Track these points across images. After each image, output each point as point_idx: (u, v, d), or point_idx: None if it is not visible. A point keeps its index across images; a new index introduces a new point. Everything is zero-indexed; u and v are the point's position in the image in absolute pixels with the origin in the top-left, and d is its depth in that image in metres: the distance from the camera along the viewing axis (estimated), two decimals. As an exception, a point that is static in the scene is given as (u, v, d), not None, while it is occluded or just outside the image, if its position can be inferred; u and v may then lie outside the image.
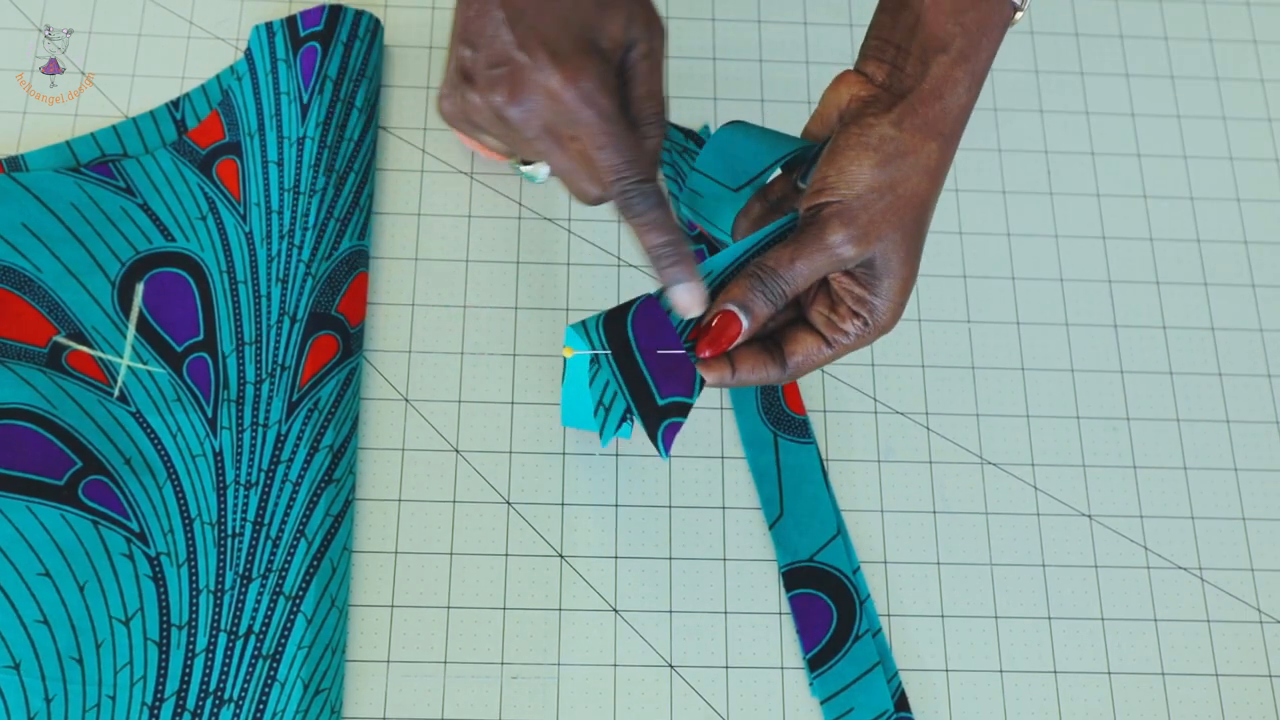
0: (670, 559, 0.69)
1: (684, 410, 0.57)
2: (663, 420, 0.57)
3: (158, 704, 0.64)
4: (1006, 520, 0.72)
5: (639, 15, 0.56)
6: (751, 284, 0.56)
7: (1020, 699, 0.68)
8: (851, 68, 0.58)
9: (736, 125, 0.60)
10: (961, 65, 0.55)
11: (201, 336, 0.71)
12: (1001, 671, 0.68)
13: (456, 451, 0.71)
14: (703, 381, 0.58)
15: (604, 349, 0.57)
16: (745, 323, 0.56)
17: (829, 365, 0.74)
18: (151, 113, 0.76)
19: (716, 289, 0.58)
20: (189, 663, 0.64)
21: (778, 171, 0.60)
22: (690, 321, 0.58)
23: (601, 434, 0.59)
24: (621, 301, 0.75)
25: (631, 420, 0.58)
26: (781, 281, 0.55)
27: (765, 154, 0.59)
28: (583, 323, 0.58)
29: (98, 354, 0.70)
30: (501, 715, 0.66)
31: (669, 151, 0.77)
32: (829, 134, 0.58)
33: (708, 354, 0.57)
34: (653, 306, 0.58)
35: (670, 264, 0.56)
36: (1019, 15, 0.57)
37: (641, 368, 0.57)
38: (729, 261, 0.58)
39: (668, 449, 0.57)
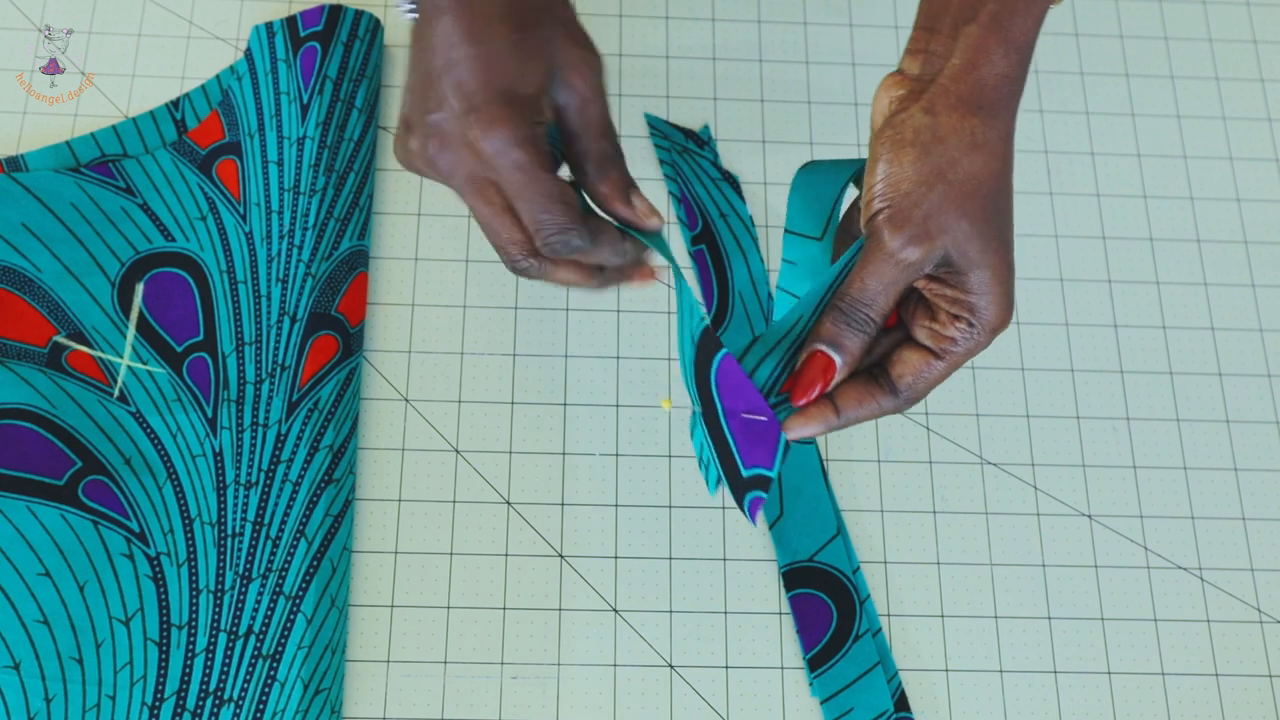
0: (670, 559, 0.70)
1: (765, 484, 0.53)
2: (747, 492, 0.54)
3: (158, 704, 0.64)
4: (1006, 520, 0.72)
5: (566, 58, 0.55)
6: (834, 318, 0.53)
7: (1020, 699, 0.68)
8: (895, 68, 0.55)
9: (805, 168, 0.56)
10: (994, 33, 0.51)
11: (201, 336, 0.71)
12: (1001, 671, 0.68)
13: (456, 451, 0.71)
14: (787, 446, 0.53)
15: (696, 404, 0.55)
16: (839, 360, 0.52)
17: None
18: (151, 113, 0.76)
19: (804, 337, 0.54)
20: (189, 663, 0.64)
21: (847, 202, 0.56)
22: (779, 377, 0.54)
23: (709, 485, 0.56)
24: (619, 302, 0.75)
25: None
26: (861, 306, 0.52)
27: (832, 185, 0.56)
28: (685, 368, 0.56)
29: (98, 354, 0.70)
30: (501, 715, 0.66)
31: (669, 151, 0.77)
32: None
33: (802, 401, 0.53)
34: (731, 367, 0.53)
35: (608, 283, 0.57)
36: None
37: (726, 432, 0.53)
38: (815, 304, 0.53)
39: (754, 519, 0.54)
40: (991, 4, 0.51)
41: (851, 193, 0.57)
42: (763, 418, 0.52)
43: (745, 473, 0.53)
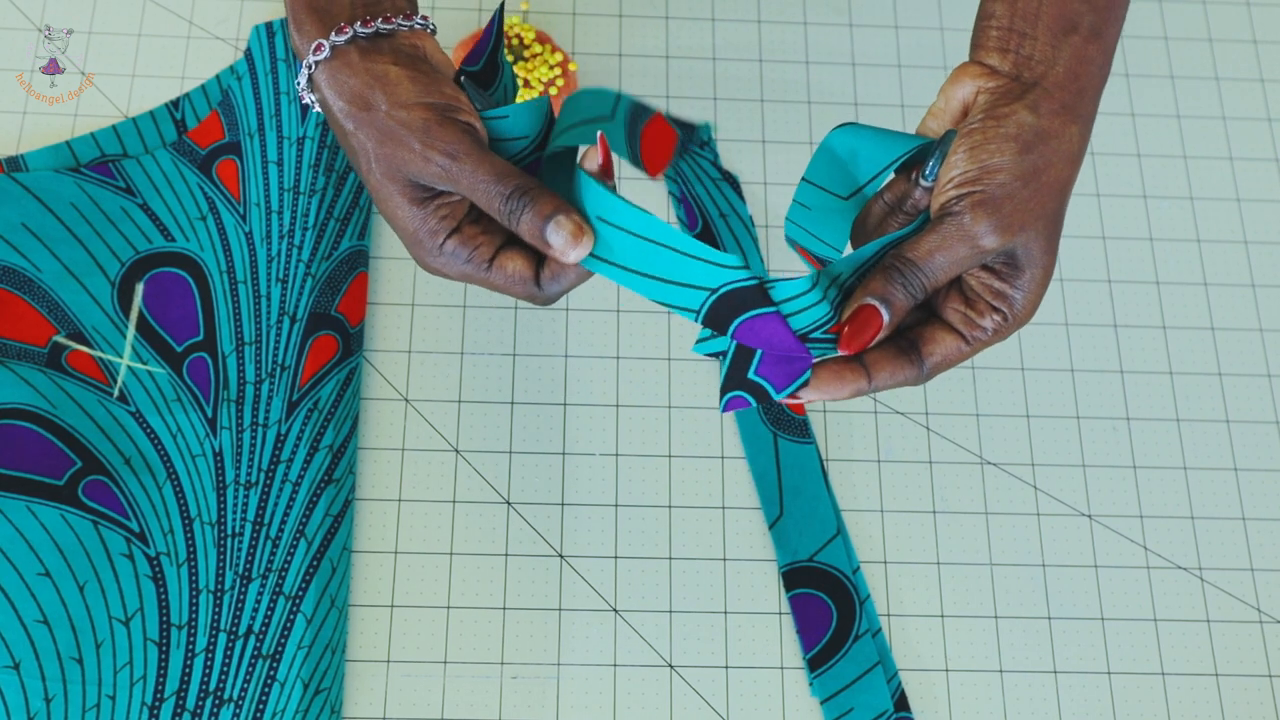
0: (670, 559, 0.70)
1: (759, 396, 0.55)
2: (735, 390, 0.55)
3: (158, 704, 0.64)
4: (1006, 520, 0.72)
5: (427, 143, 0.54)
6: (890, 276, 0.53)
7: (1020, 699, 0.68)
8: (968, 60, 0.57)
9: (847, 129, 0.57)
10: (1094, 43, 0.54)
11: (201, 336, 0.71)
12: (1001, 671, 0.68)
13: (456, 451, 0.71)
14: (804, 384, 0.54)
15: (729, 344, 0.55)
16: (886, 316, 0.53)
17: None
18: (151, 113, 0.76)
19: (851, 288, 0.55)
20: (189, 663, 0.64)
21: (891, 173, 0.58)
22: (823, 322, 0.55)
23: (698, 345, 0.57)
24: (619, 302, 0.75)
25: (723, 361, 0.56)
26: (921, 274, 0.53)
27: (880, 155, 0.56)
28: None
29: (98, 354, 0.70)
30: (501, 715, 0.66)
31: (669, 151, 0.77)
32: (949, 129, 0.56)
33: (849, 350, 0.54)
34: (771, 323, 0.54)
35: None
36: None
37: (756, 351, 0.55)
38: (860, 261, 0.55)
39: (725, 408, 0.55)
40: (1089, 16, 0.54)
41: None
42: (801, 354, 0.54)
43: (750, 375, 0.55)
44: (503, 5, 0.59)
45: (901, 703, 0.67)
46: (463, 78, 0.57)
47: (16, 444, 0.66)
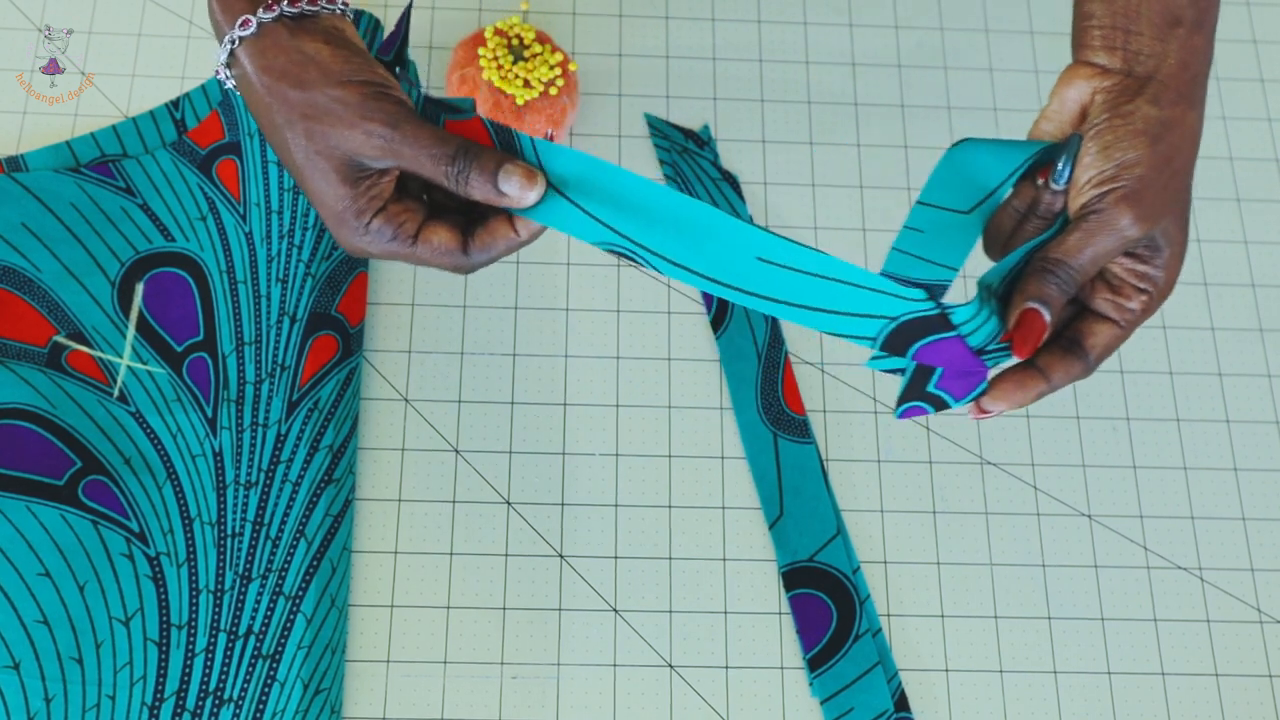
0: (670, 559, 0.69)
1: (936, 406, 0.57)
2: (915, 401, 0.57)
3: (157, 704, 0.64)
4: (1006, 520, 0.72)
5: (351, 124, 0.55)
6: (1043, 278, 0.56)
7: (1020, 699, 0.68)
8: (1074, 62, 0.59)
9: (964, 144, 0.59)
10: (1198, 33, 0.56)
11: (201, 336, 0.71)
12: (1001, 671, 0.68)
13: (456, 451, 0.71)
14: (981, 393, 0.57)
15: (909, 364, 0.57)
16: (1047, 316, 0.56)
17: (828, 366, 0.74)
18: (151, 113, 0.76)
19: (1004, 296, 0.57)
20: (189, 663, 0.64)
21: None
22: (995, 335, 0.57)
23: (877, 360, 0.59)
24: (619, 302, 0.75)
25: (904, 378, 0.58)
26: (1072, 271, 0.56)
27: (1002, 164, 0.58)
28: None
29: (98, 354, 0.70)
30: (501, 715, 0.66)
31: (669, 151, 0.77)
32: (1067, 130, 0.58)
33: (1022, 355, 0.56)
34: (952, 344, 0.56)
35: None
36: None
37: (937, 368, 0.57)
38: (1007, 269, 0.57)
39: (901, 415, 0.58)
40: (1190, 9, 0.56)
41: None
42: (979, 369, 0.57)
43: (930, 389, 0.57)
44: (412, 3, 0.60)
45: (901, 703, 0.67)
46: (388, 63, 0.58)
47: (16, 444, 0.66)
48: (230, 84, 0.56)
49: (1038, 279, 0.56)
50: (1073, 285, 0.56)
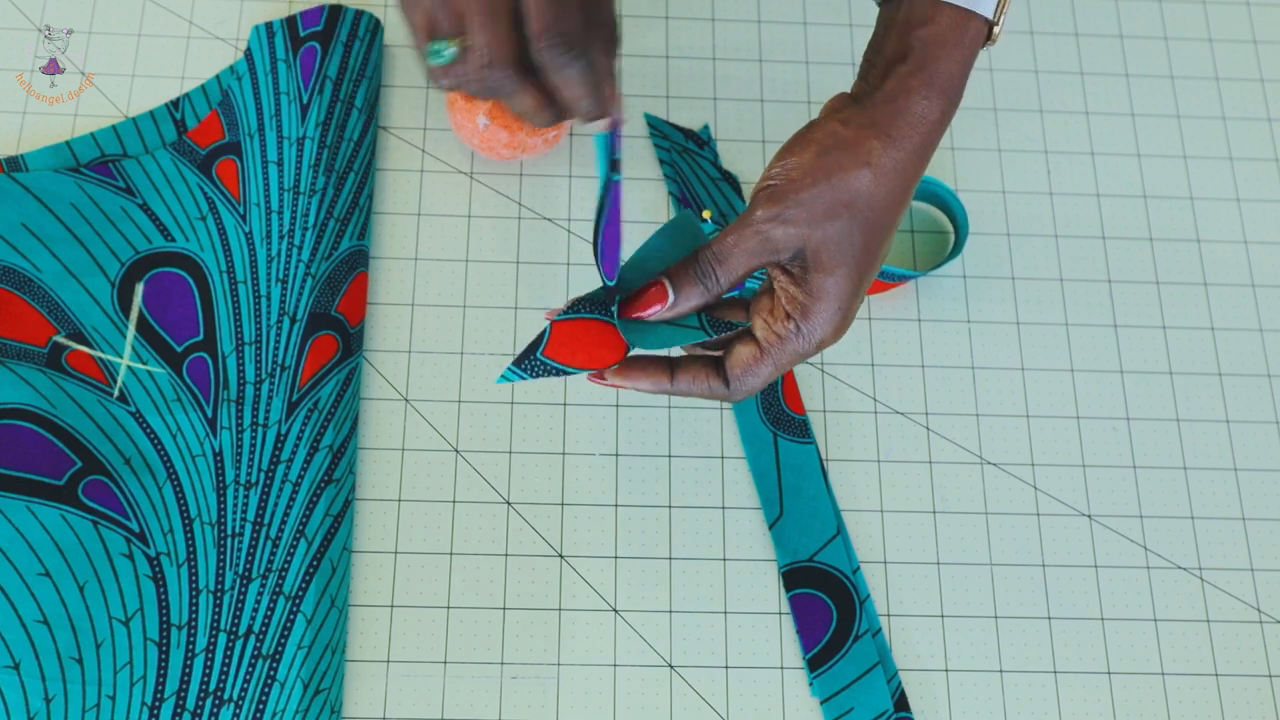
0: (670, 559, 0.70)
1: (546, 373, 0.58)
2: (522, 368, 0.58)
3: (157, 704, 0.64)
4: (1006, 520, 0.72)
5: None
6: (685, 262, 0.57)
7: (1020, 699, 0.68)
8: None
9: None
10: (918, 75, 0.56)
11: (201, 336, 0.71)
12: (1001, 671, 0.68)
13: (456, 451, 0.71)
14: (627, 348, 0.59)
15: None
16: (671, 296, 0.57)
17: (828, 366, 0.74)
18: (151, 113, 0.76)
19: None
20: (189, 663, 0.64)
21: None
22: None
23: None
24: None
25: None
26: (711, 260, 0.56)
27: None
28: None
29: (98, 354, 0.70)
30: (501, 715, 0.66)
31: (669, 151, 0.77)
32: None
33: (632, 315, 0.58)
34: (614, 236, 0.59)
35: (558, 117, 0.59)
36: (996, 29, 0.58)
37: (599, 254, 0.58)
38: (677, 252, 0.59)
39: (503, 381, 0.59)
40: (918, 50, 0.56)
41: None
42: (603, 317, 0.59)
43: (539, 355, 0.58)
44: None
45: (901, 703, 0.67)
46: None
47: (16, 444, 0.66)
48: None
49: (681, 262, 0.58)
50: (710, 276, 0.56)
